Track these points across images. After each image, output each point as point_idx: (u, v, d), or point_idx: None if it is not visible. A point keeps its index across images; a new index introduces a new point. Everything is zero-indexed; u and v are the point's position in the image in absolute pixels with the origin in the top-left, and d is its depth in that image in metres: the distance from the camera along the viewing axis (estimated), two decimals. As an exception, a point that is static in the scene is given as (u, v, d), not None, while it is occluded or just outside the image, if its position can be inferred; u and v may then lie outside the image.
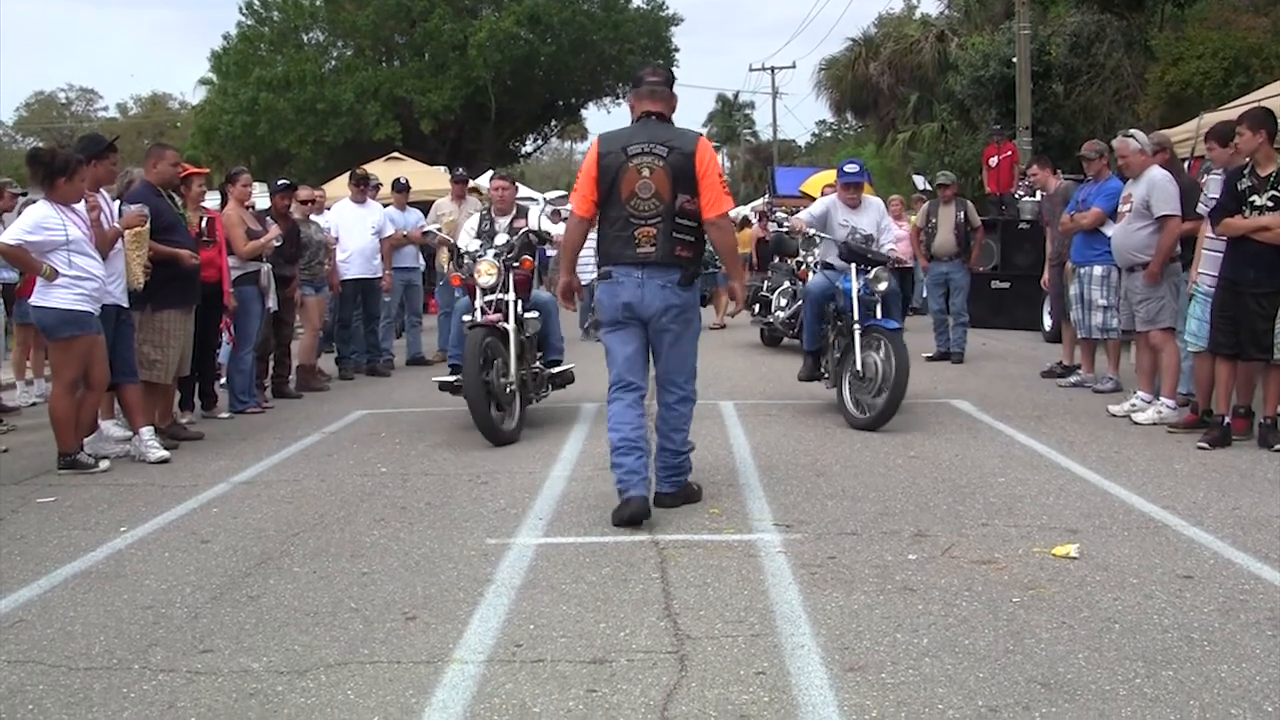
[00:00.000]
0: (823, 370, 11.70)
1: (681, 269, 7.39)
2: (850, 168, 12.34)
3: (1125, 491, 7.95)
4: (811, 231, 11.78)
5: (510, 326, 10.33)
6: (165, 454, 9.69)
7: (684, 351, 7.61)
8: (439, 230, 13.16)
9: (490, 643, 5.28)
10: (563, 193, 11.78)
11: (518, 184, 12.55)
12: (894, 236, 12.93)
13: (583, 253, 9.14)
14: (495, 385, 10.14)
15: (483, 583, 6.19)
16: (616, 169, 7.35)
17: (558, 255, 20.07)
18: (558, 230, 11.46)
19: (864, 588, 5.96)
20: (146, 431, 9.82)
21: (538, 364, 11.08)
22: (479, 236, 11.42)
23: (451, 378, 10.95)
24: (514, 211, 11.88)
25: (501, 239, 10.96)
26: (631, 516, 7.14)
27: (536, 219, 11.65)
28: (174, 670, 5.00)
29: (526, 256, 11.06)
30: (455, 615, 5.65)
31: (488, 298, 10.55)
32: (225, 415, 11.99)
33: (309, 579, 6.32)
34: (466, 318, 10.67)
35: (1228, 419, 9.52)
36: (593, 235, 8.13)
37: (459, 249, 11.56)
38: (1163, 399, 10.59)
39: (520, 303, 10.57)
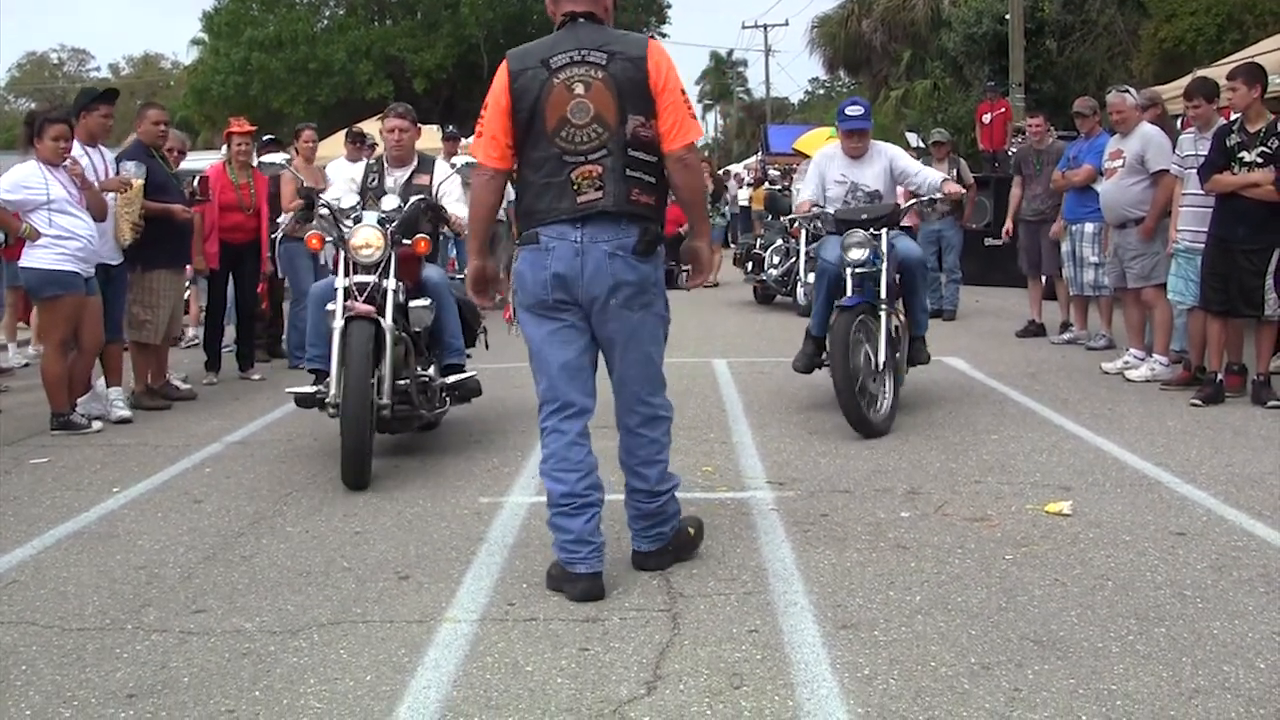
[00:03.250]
0: (824, 359, 9.42)
1: (639, 225, 5.34)
2: (853, 109, 9.70)
3: (1118, 448, 7.96)
4: (819, 211, 9.55)
5: (385, 322, 7.59)
6: (128, 414, 9.78)
7: (645, 351, 5.51)
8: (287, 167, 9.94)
9: (483, 601, 5.29)
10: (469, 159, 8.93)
11: (420, 125, 9.21)
12: (931, 178, 9.69)
13: None
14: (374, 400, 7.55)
15: (475, 541, 6.19)
16: (537, 91, 5.29)
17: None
18: (461, 211, 8.51)
19: (857, 545, 5.97)
20: (114, 391, 9.85)
21: (429, 371, 8.34)
22: (362, 194, 8.58)
23: (312, 388, 8.02)
24: (414, 163, 8.88)
25: (391, 201, 8.16)
26: (584, 596, 5.31)
27: (439, 185, 8.78)
28: (167, 630, 5.01)
29: (422, 236, 8.13)
30: (448, 574, 5.67)
31: (357, 279, 7.73)
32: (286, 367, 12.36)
33: (301, 539, 6.32)
34: (331, 305, 7.74)
35: (1220, 376, 9.52)
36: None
37: (325, 205, 8.31)
38: (1155, 356, 10.59)
39: (401, 285, 7.94)
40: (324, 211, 8.22)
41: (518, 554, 5.95)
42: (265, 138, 13.94)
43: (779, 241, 17.06)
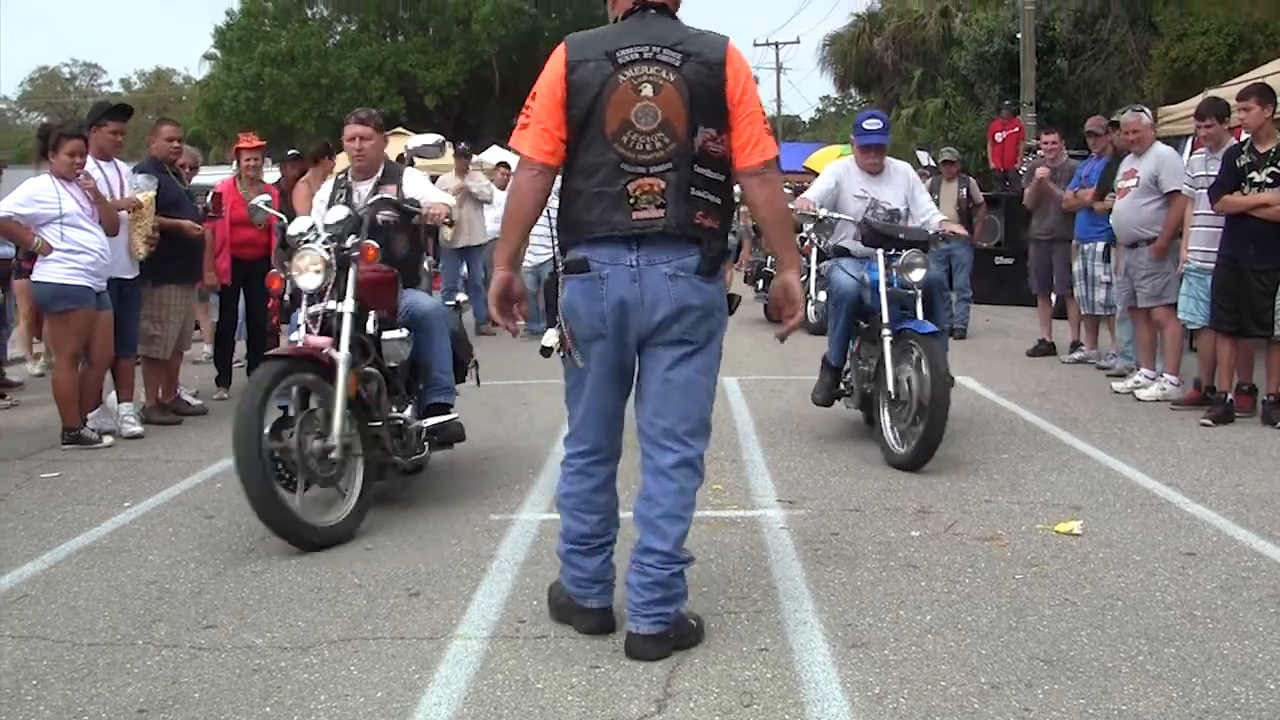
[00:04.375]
0: (844, 388, 9.08)
1: (701, 247, 4.73)
2: (871, 123, 9.16)
3: (1128, 468, 7.95)
4: (822, 213, 8.89)
5: (339, 355, 6.69)
6: (139, 429, 9.76)
7: (696, 383, 4.84)
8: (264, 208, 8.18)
9: (494, 618, 5.29)
10: (433, 139, 8.17)
11: (384, 128, 8.08)
12: (932, 220, 9.12)
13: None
14: (300, 451, 6.52)
15: (486, 559, 6.20)
16: (599, 86, 4.68)
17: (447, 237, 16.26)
18: (441, 198, 7.86)
19: (867, 564, 5.97)
20: (125, 407, 9.86)
21: (405, 412, 7.34)
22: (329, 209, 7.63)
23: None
24: (379, 174, 7.88)
25: (336, 213, 7.18)
26: (596, 630, 5.06)
27: (419, 185, 7.93)
28: (178, 646, 5.02)
29: (369, 243, 7.12)
30: (458, 591, 5.67)
31: (312, 309, 6.98)
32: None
33: (312, 555, 6.32)
34: (296, 336, 7.16)
35: (1231, 396, 9.52)
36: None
37: (284, 233, 7.54)
38: (1166, 375, 10.58)
39: (373, 315, 7.12)
40: (293, 234, 7.23)
41: (528, 571, 5.95)
42: (289, 153, 13.94)
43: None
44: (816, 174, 19.80)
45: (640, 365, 4.92)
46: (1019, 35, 27.26)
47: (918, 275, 8.37)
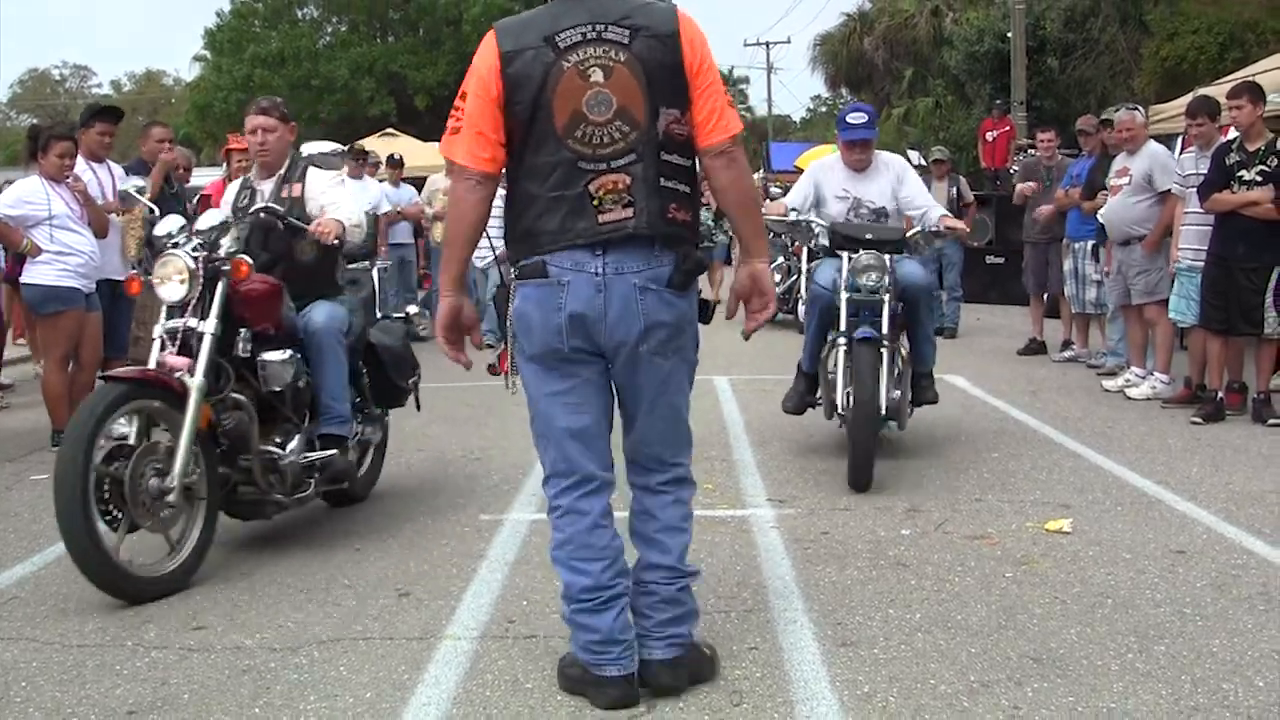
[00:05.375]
0: (819, 398, 8.50)
1: (674, 250, 4.26)
2: (855, 116, 8.50)
3: (1118, 466, 7.95)
4: (792, 216, 8.31)
5: (193, 381, 5.86)
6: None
7: (674, 404, 4.48)
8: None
9: (483, 618, 5.29)
10: (332, 146, 6.84)
11: (290, 119, 7.13)
12: (931, 215, 8.38)
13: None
14: (132, 487, 5.64)
15: (476, 558, 6.19)
16: (541, 77, 4.16)
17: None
18: (343, 210, 6.77)
19: (857, 563, 5.97)
20: None
21: (290, 445, 6.46)
22: (235, 213, 6.80)
23: None
24: (284, 170, 6.99)
25: (212, 217, 6.39)
26: (618, 703, 4.35)
27: (322, 199, 6.83)
28: (167, 647, 5.02)
29: (242, 258, 6.21)
30: (448, 591, 5.67)
31: (170, 324, 6.14)
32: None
33: (302, 555, 6.33)
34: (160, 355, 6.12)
35: (1221, 394, 9.53)
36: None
37: (152, 231, 6.85)
38: (1156, 374, 10.59)
39: (246, 333, 6.27)
40: (159, 235, 6.50)
41: (518, 571, 5.94)
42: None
43: (779, 259, 17.04)
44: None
45: (616, 387, 4.45)
46: (1009, 34, 27.30)
47: (870, 279, 7.74)
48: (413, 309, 8.48)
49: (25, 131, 10.47)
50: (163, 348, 6.12)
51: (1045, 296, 13.91)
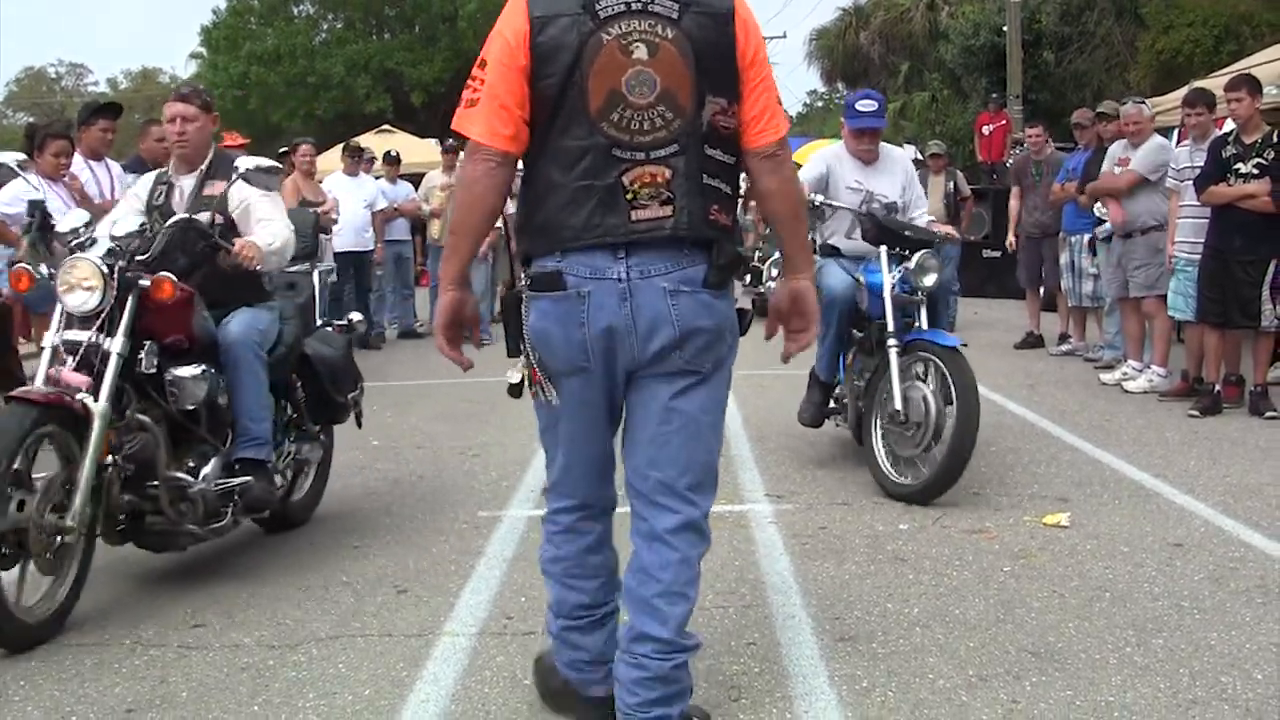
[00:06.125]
0: (836, 405, 8.11)
1: (709, 253, 3.73)
2: (864, 104, 8.01)
3: (1116, 460, 7.96)
4: (818, 199, 7.74)
5: (97, 406, 5.13)
6: None
7: (699, 424, 3.84)
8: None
9: (482, 615, 5.29)
10: (269, 164, 6.05)
11: (213, 108, 6.41)
12: (922, 221, 8.05)
13: None
14: (34, 523, 4.97)
15: (474, 555, 6.19)
16: (577, 49, 3.60)
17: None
18: (265, 231, 6.02)
19: (855, 558, 5.98)
20: None
21: (203, 471, 5.74)
22: (149, 214, 6.00)
23: None
24: (206, 164, 6.19)
25: (129, 222, 5.60)
26: None
27: (241, 202, 6.08)
28: (165, 645, 5.01)
29: (164, 276, 5.43)
30: (446, 588, 5.67)
31: (69, 335, 5.33)
32: None
33: (300, 553, 6.33)
34: (46, 376, 5.30)
35: (1218, 387, 9.53)
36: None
37: (42, 225, 5.80)
38: (1154, 367, 10.59)
39: (154, 345, 5.47)
40: (62, 232, 5.67)
41: (516, 568, 5.94)
42: (281, 150, 14.01)
43: (777, 254, 17.01)
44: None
45: (628, 399, 3.90)
46: (1005, 28, 27.30)
47: (930, 280, 7.29)
48: (355, 316, 7.68)
49: (22, 130, 10.47)
50: (54, 361, 5.34)
51: (1042, 290, 13.92)
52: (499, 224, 12.00)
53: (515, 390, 3.93)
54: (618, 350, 3.70)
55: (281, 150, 14.05)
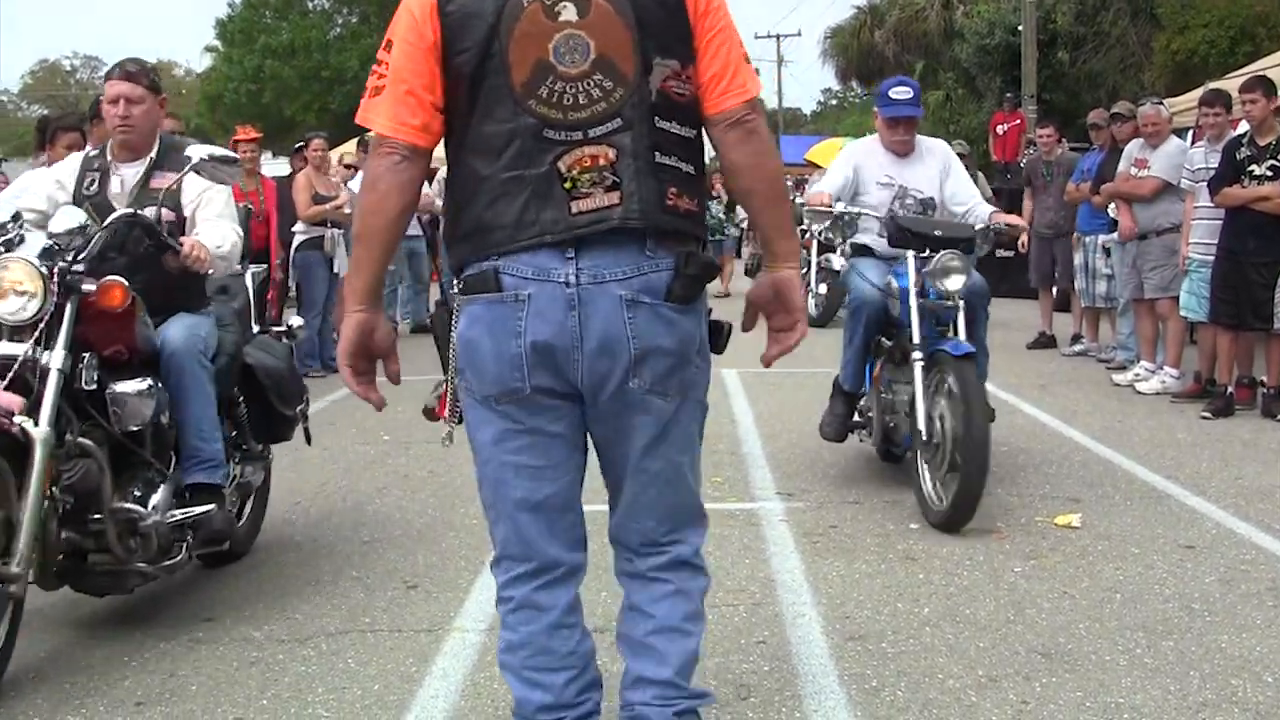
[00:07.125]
0: (860, 419, 7.58)
1: (674, 248, 3.14)
2: (899, 91, 7.43)
3: (1128, 461, 7.94)
4: (840, 208, 7.13)
5: (37, 431, 4.40)
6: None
7: (678, 467, 3.35)
8: None
9: (491, 611, 5.23)
10: (224, 153, 5.56)
11: (161, 90, 5.89)
12: (980, 210, 7.52)
13: None
14: None
15: (484, 550, 6.17)
16: (494, 15, 3.03)
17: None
18: (214, 231, 5.33)
19: (865, 557, 5.97)
20: None
21: (153, 500, 5.01)
22: (78, 202, 5.29)
23: None
24: (152, 156, 5.51)
25: (70, 218, 4.86)
26: None
27: (197, 196, 5.45)
28: (175, 638, 5.02)
29: (114, 280, 4.80)
30: (456, 584, 5.67)
31: (3, 349, 4.59)
32: None
33: (310, 547, 6.33)
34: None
35: (1231, 388, 9.51)
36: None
37: None
38: (1166, 368, 10.57)
39: (93, 358, 4.78)
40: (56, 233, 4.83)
41: (526, 564, 5.93)
42: (297, 145, 14.05)
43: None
44: (818, 166, 19.75)
45: (593, 436, 3.33)
46: (1020, 27, 27.25)
47: (955, 283, 6.70)
48: (296, 320, 7.06)
49: (35, 122, 10.47)
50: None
51: (1055, 290, 13.88)
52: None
53: (428, 414, 3.52)
54: (560, 369, 3.12)
55: (296, 145, 14.06)
